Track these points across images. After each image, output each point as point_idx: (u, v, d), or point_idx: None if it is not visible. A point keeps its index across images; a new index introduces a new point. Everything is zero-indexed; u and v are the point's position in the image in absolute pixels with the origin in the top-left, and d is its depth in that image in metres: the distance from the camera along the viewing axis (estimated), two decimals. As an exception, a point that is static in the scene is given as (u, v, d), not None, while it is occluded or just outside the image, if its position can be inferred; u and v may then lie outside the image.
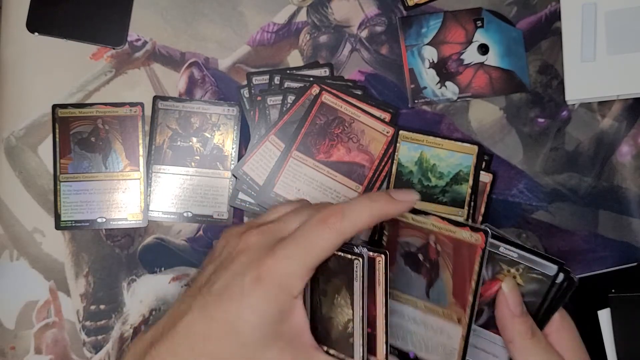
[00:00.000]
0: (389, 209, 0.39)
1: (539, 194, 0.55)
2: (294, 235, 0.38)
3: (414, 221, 0.42)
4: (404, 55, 0.56)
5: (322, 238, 0.38)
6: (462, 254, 0.40)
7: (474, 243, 0.40)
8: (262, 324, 0.37)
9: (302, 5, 0.57)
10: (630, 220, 0.54)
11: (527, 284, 0.41)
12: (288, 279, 0.37)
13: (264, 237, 0.39)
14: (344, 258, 0.39)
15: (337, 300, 0.39)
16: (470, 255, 0.40)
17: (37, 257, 0.55)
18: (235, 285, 0.37)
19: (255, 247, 0.39)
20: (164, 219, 0.55)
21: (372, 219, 0.39)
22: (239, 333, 0.37)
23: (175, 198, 0.55)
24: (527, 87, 0.56)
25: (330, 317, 0.40)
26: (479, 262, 0.40)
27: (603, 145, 0.55)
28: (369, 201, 0.39)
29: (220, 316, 0.37)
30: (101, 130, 0.55)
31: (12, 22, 0.56)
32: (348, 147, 0.54)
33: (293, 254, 0.37)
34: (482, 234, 0.40)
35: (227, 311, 0.37)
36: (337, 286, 0.39)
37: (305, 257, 0.37)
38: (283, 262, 0.37)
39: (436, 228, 0.41)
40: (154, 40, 0.56)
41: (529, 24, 0.56)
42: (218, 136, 0.55)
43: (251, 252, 0.38)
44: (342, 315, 0.39)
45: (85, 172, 0.55)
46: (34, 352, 0.54)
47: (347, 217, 0.38)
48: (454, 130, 0.55)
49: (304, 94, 0.54)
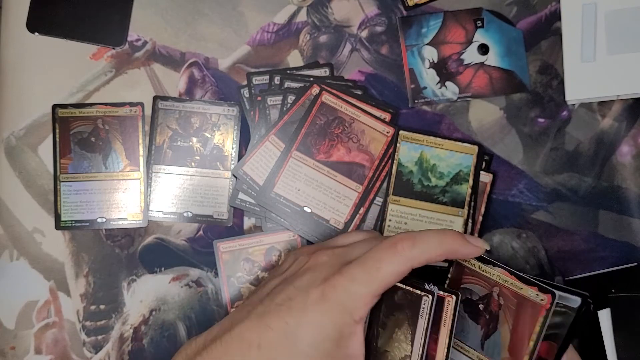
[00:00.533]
0: (460, 249, 0.39)
1: (539, 194, 0.55)
2: (363, 258, 0.38)
3: (481, 270, 0.42)
4: (404, 55, 0.56)
5: (390, 263, 0.37)
6: (525, 312, 0.40)
7: (539, 303, 0.40)
8: (320, 342, 0.36)
9: (302, 5, 0.57)
10: (630, 220, 0.54)
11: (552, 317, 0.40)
12: (352, 301, 0.37)
13: (333, 258, 0.39)
14: (413, 293, 0.38)
15: (397, 335, 0.39)
16: (533, 314, 0.40)
17: (37, 257, 0.55)
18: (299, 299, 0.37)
19: (324, 266, 0.38)
20: (164, 219, 0.55)
21: (441, 252, 0.38)
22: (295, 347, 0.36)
23: (175, 198, 0.55)
24: (527, 87, 0.56)
25: (386, 351, 0.39)
26: (541, 322, 0.40)
27: (603, 145, 0.55)
28: (441, 234, 0.39)
29: (278, 326, 0.37)
30: (101, 130, 0.55)
31: (12, 22, 0.56)
32: (348, 147, 0.54)
33: (360, 276, 0.37)
34: (550, 296, 0.39)
35: (287, 322, 0.37)
36: (400, 320, 0.39)
37: (371, 280, 0.37)
38: (349, 282, 0.37)
39: (502, 281, 0.41)
40: (154, 40, 0.56)
41: (529, 24, 0.56)
42: (218, 136, 0.55)
43: (318, 271, 0.38)
44: (399, 351, 0.39)
45: (85, 172, 0.55)
46: (34, 352, 0.54)
47: (417, 246, 0.38)
48: (454, 130, 0.55)
49: (304, 94, 0.54)
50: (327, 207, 0.53)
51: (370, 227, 0.53)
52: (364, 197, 0.53)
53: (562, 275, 0.54)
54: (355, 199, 0.53)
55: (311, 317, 0.36)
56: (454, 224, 0.53)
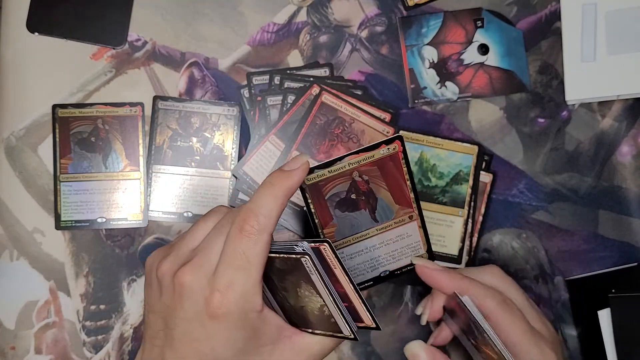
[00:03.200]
0: (290, 183, 0.39)
1: (539, 194, 0.55)
2: (224, 260, 0.37)
3: (331, 173, 0.44)
4: (404, 55, 0.56)
5: (249, 248, 0.37)
6: (389, 167, 0.44)
7: (393, 152, 0.44)
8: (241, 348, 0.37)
9: (302, 5, 0.57)
10: (630, 220, 0.54)
11: None
12: (244, 302, 0.37)
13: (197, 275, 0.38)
14: (290, 258, 0.38)
15: (302, 292, 0.39)
16: (395, 164, 0.44)
17: (37, 257, 0.55)
18: (196, 330, 0.37)
19: (194, 288, 0.37)
20: (164, 219, 0.55)
21: (280, 201, 0.38)
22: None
23: (175, 198, 0.55)
24: (527, 87, 0.56)
25: (302, 306, 0.40)
26: (404, 163, 0.44)
27: (603, 145, 0.55)
28: (269, 187, 0.38)
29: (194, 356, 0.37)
30: (101, 130, 0.55)
31: (12, 22, 0.56)
32: (348, 147, 0.54)
33: (233, 279, 0.37)
34: (398, 141, 0.43)
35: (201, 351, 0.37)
36: (295, 281, 0.39)
37: (245, 274, 0.37)
38: (231, 292, 0.37)
39: (355, 164, 0.44)
40: (154, 40, 0.56)
41: (529, 24, 0.56)
42: (218, 136, 0.55)
43: (193, 296, 0.37)
44: (313, 303, 0.39)
45: (85, 172, 0.55)
46: (34, 352, 0.54)
47: (259, 215, 0.37)
48: (454, 130, 0.55)
49: (304, 94, 0.54)
50: (327, 207, 0.53)
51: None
52: (364, 197, 0.53)
53: (562, 275, 0.54)
54: (355, 199, 0.53)
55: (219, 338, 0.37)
56: (454, 224, 0.53)
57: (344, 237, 0.45)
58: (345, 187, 0.44)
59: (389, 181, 0.45)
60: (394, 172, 0.44)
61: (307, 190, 0.44)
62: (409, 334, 0.53)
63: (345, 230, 0.45)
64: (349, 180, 0.44)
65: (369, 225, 0.46)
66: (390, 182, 0.45)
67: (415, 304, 0.54)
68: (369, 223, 0.46)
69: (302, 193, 0.44)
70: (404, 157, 0.44)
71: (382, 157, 0.44)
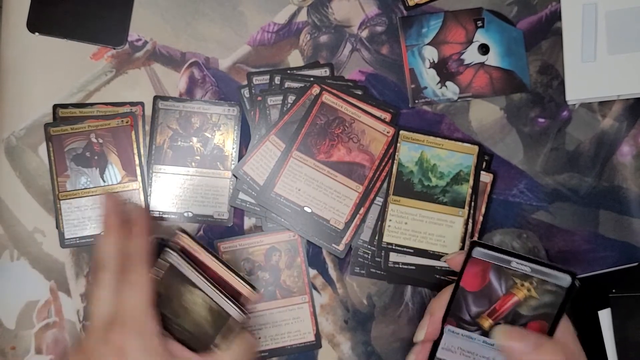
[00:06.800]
0: None
1: (540, 194, 0.55)
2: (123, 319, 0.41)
3: (73, 130, 0.53)
4: (405, 55, 0.56)
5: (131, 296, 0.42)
6: (120, 137, 0.54)
7: (126, 125, 0.53)
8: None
9: (302, 5, 0.57)
10: (630, 220, 0.54)
11: (541, 296, 0.43)
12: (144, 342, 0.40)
13: None
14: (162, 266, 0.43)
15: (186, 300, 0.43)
16: (126, 136, 0.54)
17: (37, 257, 0.55)
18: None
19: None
20: (164, 219, 0.55)
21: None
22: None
23: (175, 198, 0.55)
24: (527, 87, 0.56)
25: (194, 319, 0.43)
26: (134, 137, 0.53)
27: (603, 145, 0.55)
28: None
29: None
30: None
31: (12, 22, 0.56)
32: (348, 147, 0.54)
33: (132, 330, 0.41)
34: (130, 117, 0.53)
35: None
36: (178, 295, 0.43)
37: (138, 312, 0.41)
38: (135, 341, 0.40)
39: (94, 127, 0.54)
40: (154, 40, 0.56)
41: (530, 24, 0.56)
42: (218, 136, 0.55)
43: None
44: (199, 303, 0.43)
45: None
46: (35, 352, 0.54)
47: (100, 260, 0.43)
48: (454, 130, 0.55)
49: (304, 94, 0.54)
50: (327, 207, 0.53)
51: (371, 227, 0.53)
52: (365, 197, 0.53)
53: (562, 275, 0.54)
54: (355, 199, 0.53)
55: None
56: (454, 224, 0.53)
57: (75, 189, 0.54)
58: (82, 145, 0.54)
59: (119, 150, 0.54)
60: (125, 143, 0.54)
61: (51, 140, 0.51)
62: (409, 334, 0.53)
63: (77, 183, 0.54)
64: (87, 140, 0.54)
65: (97, 183, 0.54)
66: (120, 151, 0.54)
67: (415, 304, 0.54)
68: (98, 181, 0.54)
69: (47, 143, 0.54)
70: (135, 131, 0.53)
71: (115, 127, 0.54)
